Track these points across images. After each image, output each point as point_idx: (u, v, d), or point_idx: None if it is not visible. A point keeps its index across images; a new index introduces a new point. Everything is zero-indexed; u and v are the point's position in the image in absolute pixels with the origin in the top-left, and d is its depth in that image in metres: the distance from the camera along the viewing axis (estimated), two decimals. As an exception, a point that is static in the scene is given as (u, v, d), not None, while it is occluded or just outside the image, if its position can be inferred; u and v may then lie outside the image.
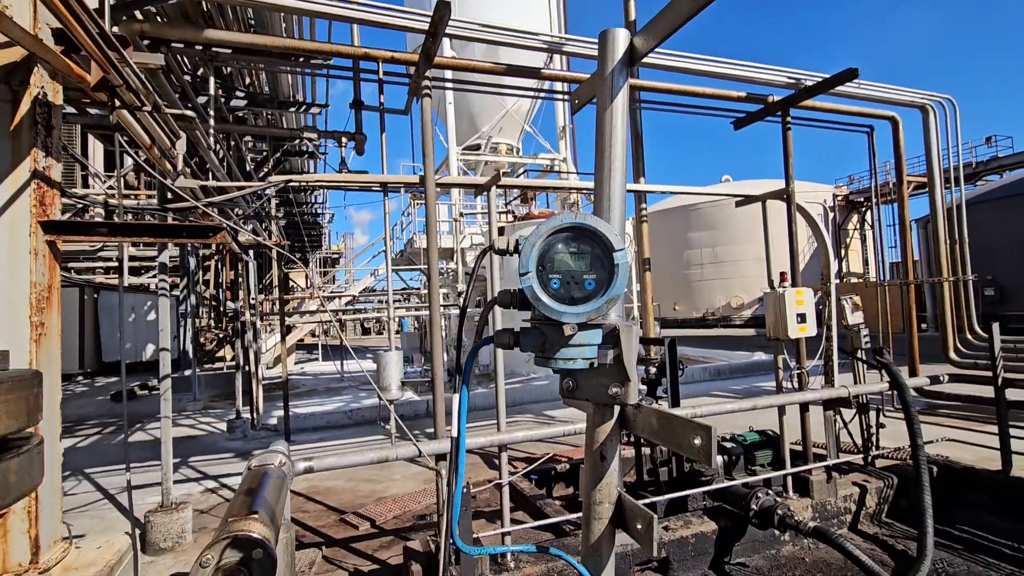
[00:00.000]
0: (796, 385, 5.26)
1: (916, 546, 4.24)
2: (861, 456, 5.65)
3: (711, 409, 4.60)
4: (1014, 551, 4.49)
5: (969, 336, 7.42)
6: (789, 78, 5.18)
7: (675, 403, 4.91)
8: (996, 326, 5.18)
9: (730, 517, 4.67)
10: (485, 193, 4.31)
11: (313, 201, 20.03)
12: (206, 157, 5.17)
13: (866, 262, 28.05)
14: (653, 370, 5.78)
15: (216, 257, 15.52)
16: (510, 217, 14.10)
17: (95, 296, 17.92)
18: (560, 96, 11.88)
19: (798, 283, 5.25)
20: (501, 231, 12.98)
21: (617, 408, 0.94)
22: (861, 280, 25.60)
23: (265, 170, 12.83)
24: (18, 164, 2.51)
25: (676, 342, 5.26)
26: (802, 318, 4.95)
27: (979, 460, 5.43)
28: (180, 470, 6.77)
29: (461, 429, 0.86)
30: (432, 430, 3.78)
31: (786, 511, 4.35)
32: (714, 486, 4.82)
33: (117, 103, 2.89)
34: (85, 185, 17.52)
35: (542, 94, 12.83)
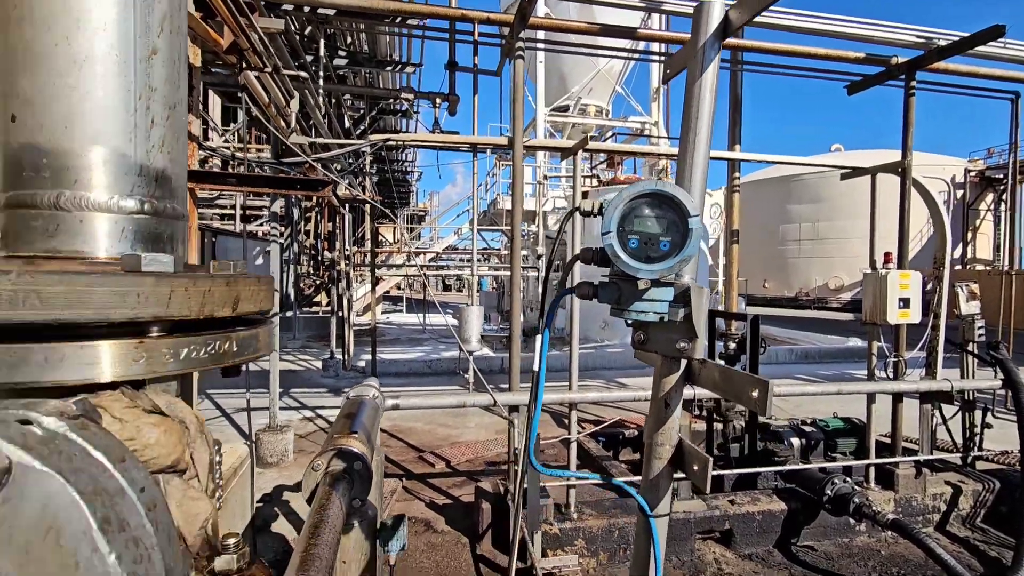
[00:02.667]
0: (891, 374, 4.94)
1: (1012, 555, 3.96)
2: (959, 455, 5.25)
3: (789, 389, 4.46)
4: None
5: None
6: (918, 37, 4.64)
7: (752, 380, 4.80)
8: None
9: (801, 500, 4.57)
10: (572, 157, 4.34)
11: (404, 159, 20.76)
12: (312, 115, 5.56)
13: (997, 248, 24.80)
14: (732, 345, 5.66)
15: (316, 209, 16.66)
16: (595, 182, 13.87)
17: (213, 240, 19.99)
18: (656, 57, 11.34)
19: (905, 265, 4.86)
20: (585, 195, 12.85)
21: (684, 362, 1.02)
22: (989, 268, 22.71)
23: (361, 128, 13.46)
24: (168, 120, 2.90)
25: (760, 319, 5.09)
26: (905, 303, 4.59)
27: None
28: (282, 399, 7.61)
29: (542, 361, 0.99)
30: (506, 385, 4.00)
31: (864, 500, 4.20)
32: (787, 467, 4.72)
33: (244, 65, 3.21)
34: (205, 138, 19.28)
35: (636, 55, 12.30)
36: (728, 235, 5.82)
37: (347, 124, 12.99)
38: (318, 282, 16.82)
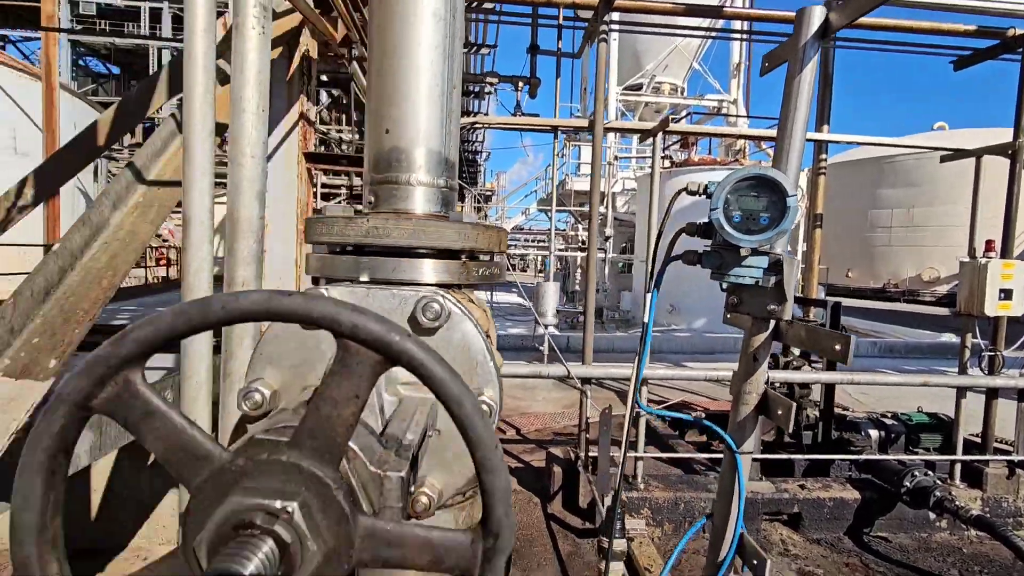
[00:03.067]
0: (985, 369, 4.69)
1: (1114, 563, 3.74)
2: (1061, 459, 4.91)
3: (871, 378, 4.37)
4: None
5: None
6: (1044, 5, 4.28)
7: (831, 366, 4.73)
8: None
9: (877, 490, 4.49)
10: (652, 138, 4.39)
11: (474, 140, 21.11)
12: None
13: None
14: (809, 332, 5.53)
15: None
16: (667, 163, 13.56)
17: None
18: (737, 35, 10.87)
19: (1010, 255, 4.56)
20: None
21: (772, 322, 1.17)
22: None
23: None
24: (290, 107, 3.27)
25: (840, 306, 4.96)
26: (1007, 294, 4.34)
27: None
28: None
29: (650, 318, 1.18)
30: (578, 361, 4.19)
31: (946, 495, 4.08)
32: (864, 456, 4.64)
33: (350, 55, 3.52)
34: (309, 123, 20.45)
35: (715, 33, 11.83)
36: (811, 219, 5.64)
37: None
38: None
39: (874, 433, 5.19)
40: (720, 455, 4.91)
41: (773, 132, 6.65)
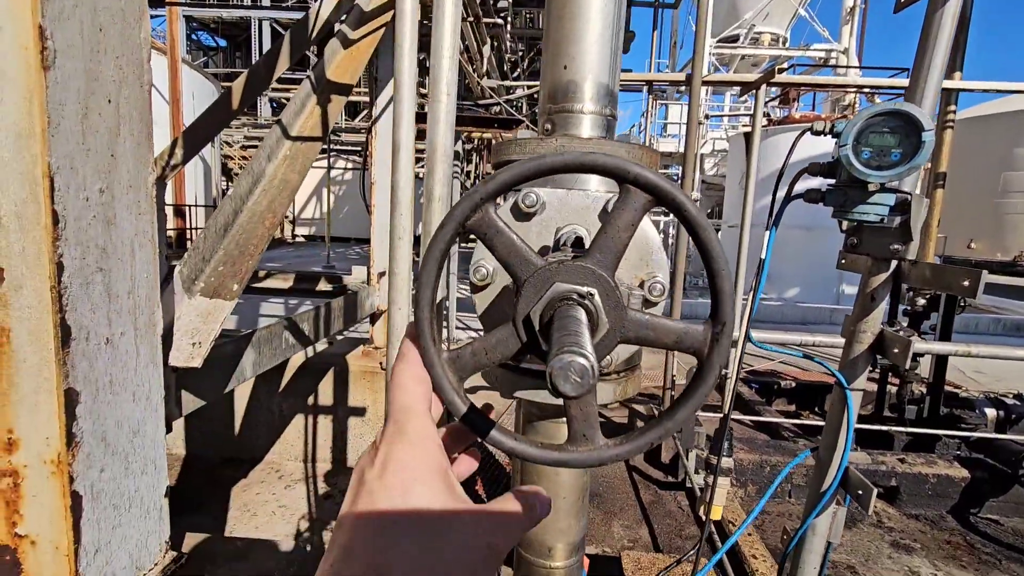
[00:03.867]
0: None
1: None
2: None
3: (992, 351, 4.02)
4: None
5: None
6: None
7: (945, 337, 4.41)
8: None
9: (989, 470, 4.20)
10: (753, 92, 4.18)
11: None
12: (491, 60, 5.97)
13: None
14: (921, 302, 5.15)
15: (471, 149, 17.62)
16: (764, 121, 12.65)
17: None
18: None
19: None
20: (748, 136, 11.89)
21: (892, 264, 1.18)
22: None
23: (518, 71, 13.74)
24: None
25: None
26: None
27: None
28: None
29: (767, 255, 1.23)
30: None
31: (1074, 479, 3.75)
32: (976, 434, 4.33)
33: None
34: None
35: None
36: (932, 178, 5.16)
37: (505, 67, 13.37)
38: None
39: (990, 412, 4.81)
40: (809, 423, 4.77)
41: (892, 80, 6.02)
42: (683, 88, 14.33)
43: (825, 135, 1.14)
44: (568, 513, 0.79)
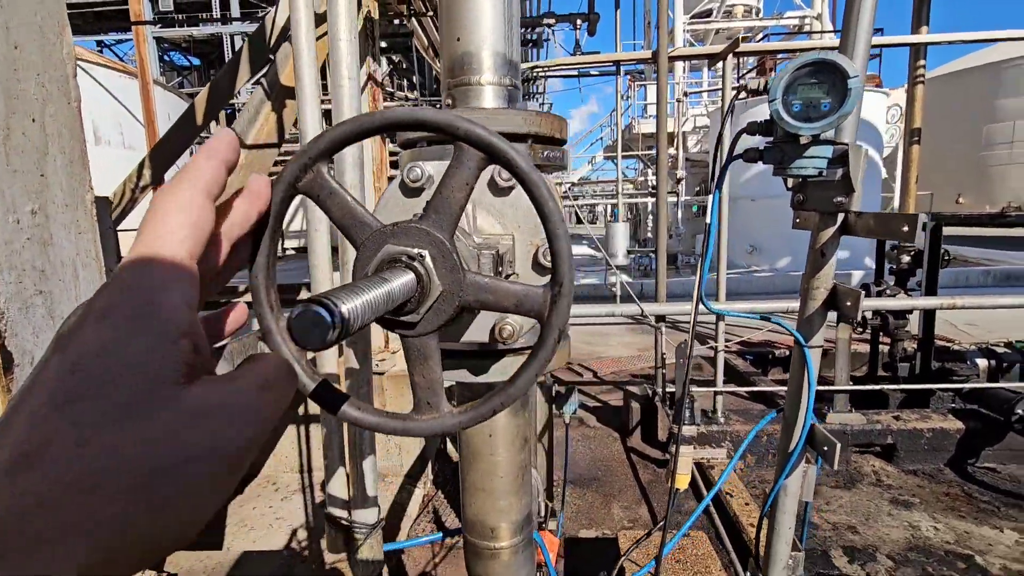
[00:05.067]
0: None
1: None
2: None
3: (979, 301, 4.04)
4: None
5: None
6: None
7: (930, 292, 4.42)
8: None
9: (984, 420, 4.23)
10: (721, 63, 4.16)
11: (536, 91, 20.66)
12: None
13: None
14: (906, 259, 5.15)
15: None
16: (743, 94, 12.61)
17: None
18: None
19: None
20: (732, 110, 11.86)
21: (840, 217, 1.17)
22: None
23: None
24: (358, 69, 3.43)
25: (941, 226, 4.58)
26: None
27: None
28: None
29: (713, 216, 1.22)
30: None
31: (1066, 422, 3.77)
32: (968, 386, 4.36)
33: (410, 12, 3.60)
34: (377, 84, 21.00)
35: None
36: (907, 135, 5.15)
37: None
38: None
39: (982, 362, 4.83)
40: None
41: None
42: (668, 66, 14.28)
43: (761, 93, 1.13)
44: (507, 492, 0.78)
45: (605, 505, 3.58)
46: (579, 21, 6.32)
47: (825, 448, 1.20)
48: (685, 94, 12.76)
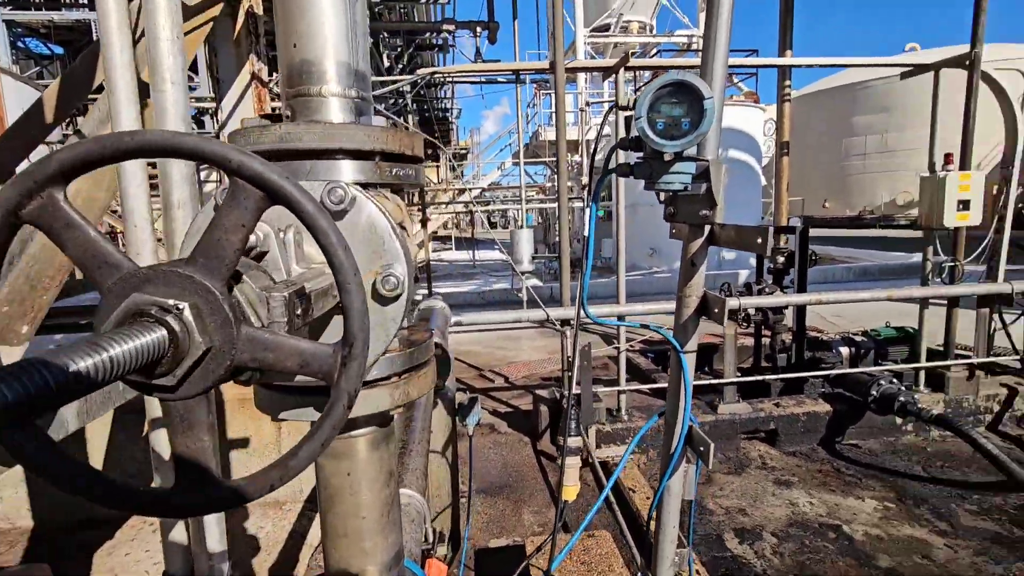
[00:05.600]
0: (946, 279, 4.89)
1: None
2: (1018, 359, 5.21)
3: (838, 296, 4.53)
4: None
5: None
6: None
7: (801, 289, 4.90)
8: None
9: (847, 402, 4.75)
10: (613, 76, 4.35)
11: (443, 96, 20.56)
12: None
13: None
14: (781, 260, 5.68)
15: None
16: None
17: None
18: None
19: (968, 167, 4.68)
20: (628, 120, 12.49)
21: (707, 228, 1.24)
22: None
23: (400, 66, 13.42)
24: (240, 68, 3.19)
25: (808, 230, 5.10)
26: (964, 205, 4.48)
27: None
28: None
29: (591, 225, 1.24)
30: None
31: (910, 399, 4.33)
32: (834, 372, 4.87)
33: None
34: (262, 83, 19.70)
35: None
36: (778, 148, 5.70)
37: (385, 63, 12.99)
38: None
39: (844, 350, 5.44)
40: (700, 383, 5.11)
41: (742, 60, 6.59)
42: (571, 79, 14.73)
43: (630, 108, 1.17)
44: (372, 532, 0.73)
45: (516, 512, 3.59)
46: (479, 29, 6.37)
47: (702, 448, 1.26)
48: (588, 103, 13.30)
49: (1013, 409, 4.95)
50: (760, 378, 4.82)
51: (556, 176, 16.05)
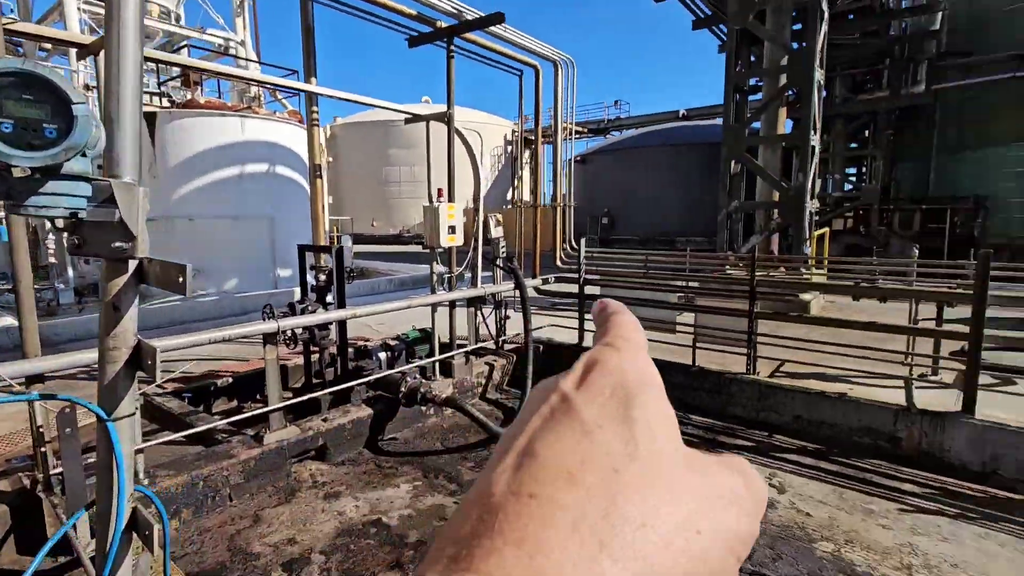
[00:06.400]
0: (447, 288, 6.17)
1: (518, 403, 5.70)
2: (493, 342, 7.10)
3: (368, 309, 5.04)
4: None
5: (569, 248, 9.93)
6: (452, 7, 5.60)
7: (340, 305, 5.19)
8: (583, 240, 7.06)
9: (385, 402, 5.34)
10: (94, 58, 3.45)
11: None
12: None
13: (533, 191, 33.38)
14: (323, 277, 5.90)
15: None
16: (166, 102, 11.50)
17: None
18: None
19: (454, 200, 6.03)
20: (153, 117, 10.65)
21: (133, 263, 1.01)
22: (526, 206, 30.50)
23: None
24: None
25: (343, 250, 5.47)
26: (452, 230, 5.75)
27: (571, 339, 7.49)
28: None
29: None
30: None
31: (427, 389, 5.22)
32: (373, 376, 5.39)
33: None
34: None
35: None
36: (311, 170, 5.90)
37: None
38: None
39: (383, 355, 6.12)
40: (249, 415, 4.72)
41: (266, 77, 6.49)
42: (39, 44, 11.16)
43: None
44: None
45: None
46: None
47: (147, 533, 1.02)
48: (87, 87, 10.48)
49: (492, 379, 6.71)
50: (306, 397, 4.84)
51: None
